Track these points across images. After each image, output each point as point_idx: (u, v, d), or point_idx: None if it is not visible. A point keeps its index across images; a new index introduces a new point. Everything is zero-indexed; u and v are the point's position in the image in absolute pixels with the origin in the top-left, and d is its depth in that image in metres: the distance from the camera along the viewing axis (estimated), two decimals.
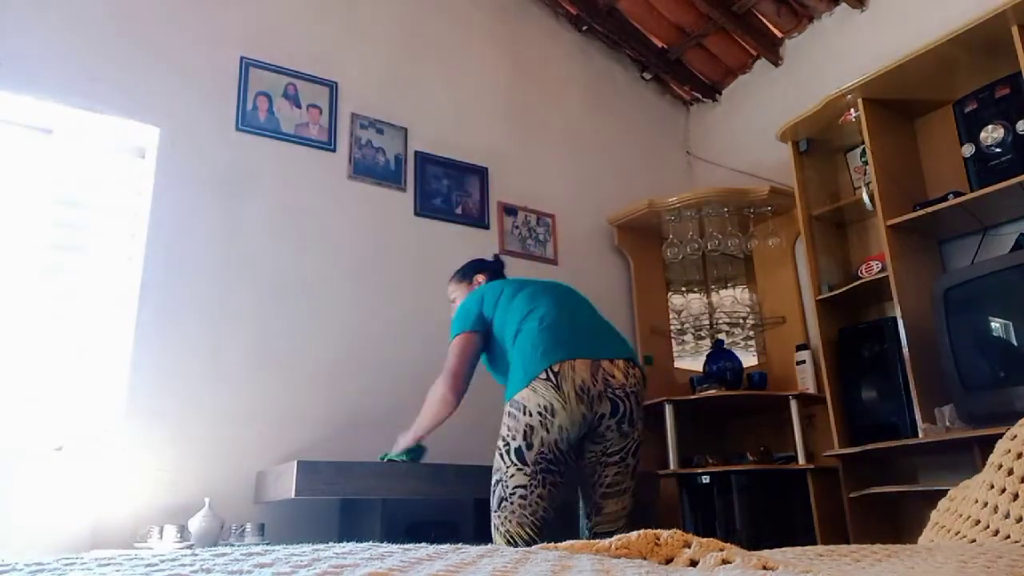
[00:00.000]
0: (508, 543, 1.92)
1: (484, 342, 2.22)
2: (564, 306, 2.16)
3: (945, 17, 2.79)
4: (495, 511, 1.99)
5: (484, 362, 2.30)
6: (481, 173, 3.32)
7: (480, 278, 2.46)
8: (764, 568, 0.76)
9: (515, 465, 1.96)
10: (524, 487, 1.94)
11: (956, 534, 1.50)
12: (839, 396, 2.86)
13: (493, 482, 2.02)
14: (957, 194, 2.58)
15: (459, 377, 2.19)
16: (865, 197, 2.87)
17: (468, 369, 2.21)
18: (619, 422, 2.01)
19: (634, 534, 0.90)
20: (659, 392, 3.25)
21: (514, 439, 1.97)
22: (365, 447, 2.55)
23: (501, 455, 2.01)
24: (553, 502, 1.97)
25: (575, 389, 1.95)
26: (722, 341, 3.41)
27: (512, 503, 1.94)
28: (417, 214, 3.09)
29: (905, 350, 2.60)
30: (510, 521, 1.94)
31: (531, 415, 1.96)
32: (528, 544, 1.90)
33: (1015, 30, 2.41)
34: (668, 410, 3.10)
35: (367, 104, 3.10)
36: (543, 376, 1.96)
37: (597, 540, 0.93)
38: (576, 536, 2.06)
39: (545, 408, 1.95)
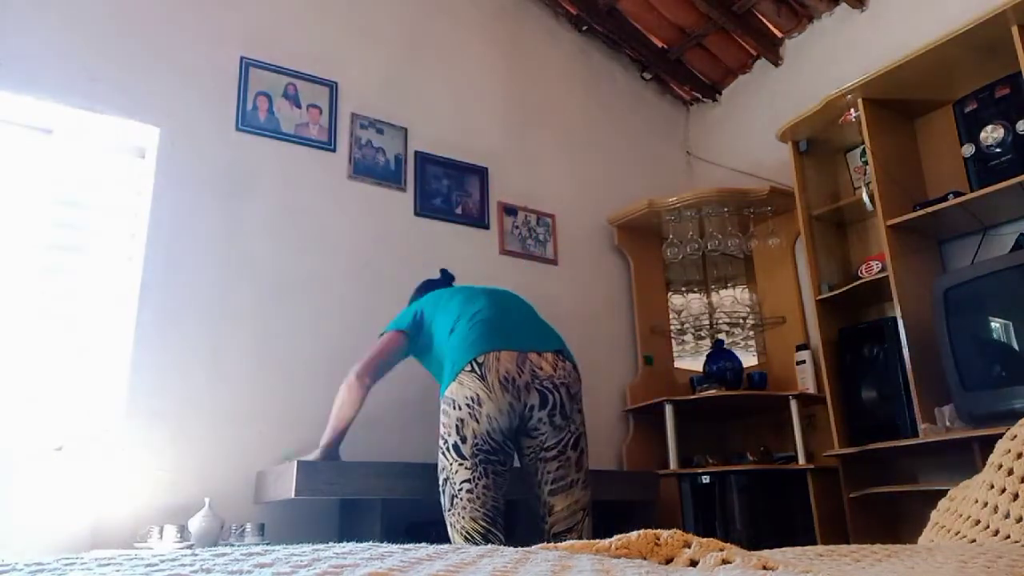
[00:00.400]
0: (466, 539, 1.96)
1: (416, 344, 2.29)
2: (497, 305, 2.20)
3: (945, 17, 2.79)
4: (448, 511, 2.01)
5: (425, 366, 2.36)
6: (481, 173, 3.32)
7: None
8: (764, 568, 0.76)
9: (456, 461, 1.99)
10: (469, 481, 1.97)
11: (956, 534, 1.50)
12: (839, 396, 2.86)
13: (440, 481, 2.05)
14: (957, 194, 2.58)
15: (371, 367, 2.26)
16: (865, 197, 2.87)
17: (382, 361, 2.28)
18: (550, 414, 2.03)
19: (634, 534, 0.90)
20: (659, 392, 3.25)
21: (450, 435, 2.00)
22: (365, 447, 2.55)
23: (443, 453, 2.04)
24: (500, 489, 2.00)
25: (499, 379, 1.98)
26: (722, 341, 3.41)
27: (462, 499, 1.97)
28: (417, 214, 3.09)
29: (905, 350, 2.60)
30: (464, 517, 1.97)
31: (460, 408, 1.99)
32: (484, 536, 1.95)
33: (1015, 30, 2.41)
34: (668, 410, 3.10)
35: (367, 104, 3.10)
36: (468, 368, 2.00)
37: (597, 540, 0.93)
38: (538, 534, 2.05)
39: (472, 399, 1.98)
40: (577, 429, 2.09)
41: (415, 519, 2.59)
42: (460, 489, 1.98)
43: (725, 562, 0.80)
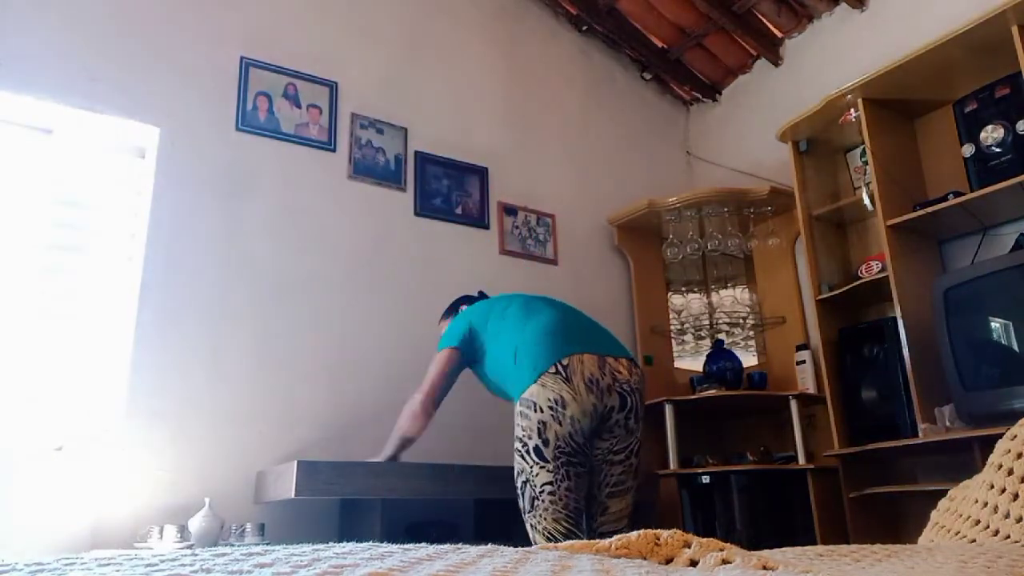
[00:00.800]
0: (548, 539, 1.98)
1: (471, 358, 2.32)
2: (564, 310, 2.26)
3: (945, 17, 2.79)
4: (528, 512, 2.03)
5: (478, 376, 2.39)
6: (481, 173, 3.32)
7: (464, 307, 2.52)
8: (764, 568, 0.76)
9: (538, 464, 2.01)
10: (551, 483, 1.99)
11: (956, 534, 1.50)
12: (839, 396, 2.86)
13: (519, 484, 2.06)
14: (957, 194, 2.58)
15: (433, 394, 2.29)
16: (865, 197, 2.87)
17: (446, 382, 2.31)
18: (626, 417, 2.08)
19: (634, 534, 0.90)
20: (659, 392, 3.25)
21: (530, 438, 2.02)
22: (365, 447, 2.55)
23: (521, 455, 2.06)
24: (580, 491, 2.03)
25: (584, 380, 2.02)
26: (722, 341, 3.41)
27: (544, 501, 1.99)
28: (417, 214, 3.09)
29: (905, 350, 2.60)
30: (545, 518, 1.99)
31: (542, 411, 2.01)
32: (567, 536, 1.98)
33: (1015, 30, 2.41)
34: (668, 410, 3.10)
35: (367, 104, 3.10)
36: (552, 370, 2.02)
37: (597, 540, 0.93)
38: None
39: (556, 401, 2.00)
40: (639, 437, 2.15)
41: (415, 519, 2.60)
42: (542, 491, 2.00)
43: (725, 562, 0.80)
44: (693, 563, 0.83)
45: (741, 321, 3.52)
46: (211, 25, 2.81)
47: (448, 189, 3.21)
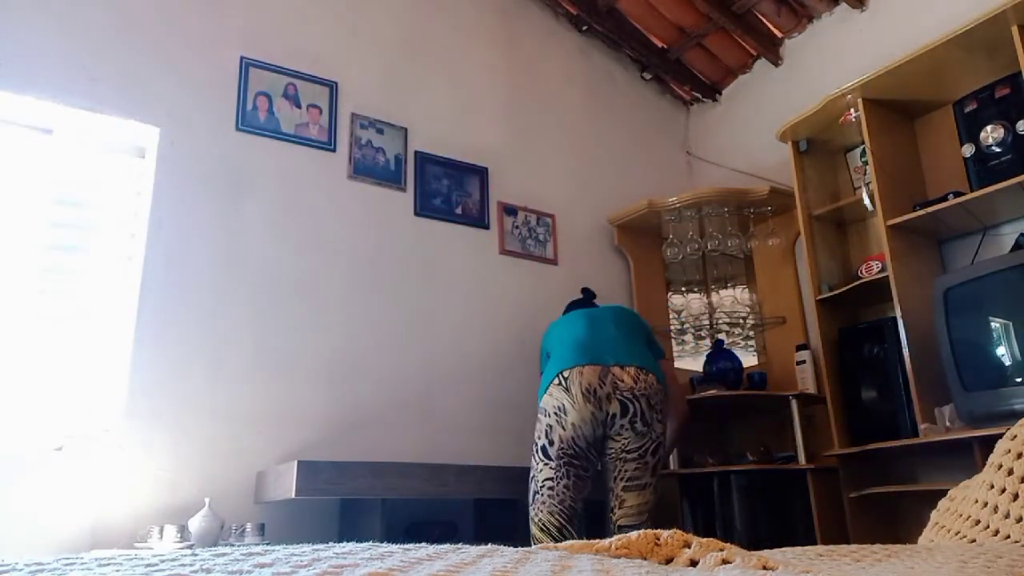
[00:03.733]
0: (541, 531, 2.21)
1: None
2: (592, 326, 2.43)
3: (945, 17, 2.79)
4: (530, 505, 2.26)
5: None
6: (481, 173, 3.32)
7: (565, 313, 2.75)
8: (764, 568, 0.77)
9: (542, 461, 2.25)
10: (551, 479, 2.22)
11: (956, 534, 1.50)
12: (839, 396, 2.86)
13: (529, 480, 2.30)
14: (957, 194, 2.58)
15: None
16: (865, 197, 2.86)
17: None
18: (631, 421, 2.24)
19: (634, 534, 0.91)
20: None
21: (539, 439, 2.28)
22: (365, 447, 2.55)
23: (533, 456, 2.30)
24: (579, 492, 2.25)
25: (581, 390, 2.23)
26: (722, 341, 3.41)
27: (542, 494, 2.22)
28: (417, 214, 3.09)
29: (905, 350, 2.60)
30: (541, 511, 2.21)
31: (549, 416, 2.26)
32: (559, 529, 2.18)
33: (1015, 30, 2.41)
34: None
35: (367, 104, 3.10)
36: (556, 382, 2.28)
37: (597, 540, 0.93)
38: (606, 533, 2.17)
39: (559, 408, 2.25)
40: (658, 437, 2.29)
41: (415, 519, 2.60)
42: (542, 486, 2.23)
43: (725, 562, 0.80)
44: (693, 563, 0.83)
45: (741, 321, 3.52)
46: (211, 25, 2.81)
47: (448, 189, 3.21)
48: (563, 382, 2.26)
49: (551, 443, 2.24)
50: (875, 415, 2.75)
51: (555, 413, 2.25)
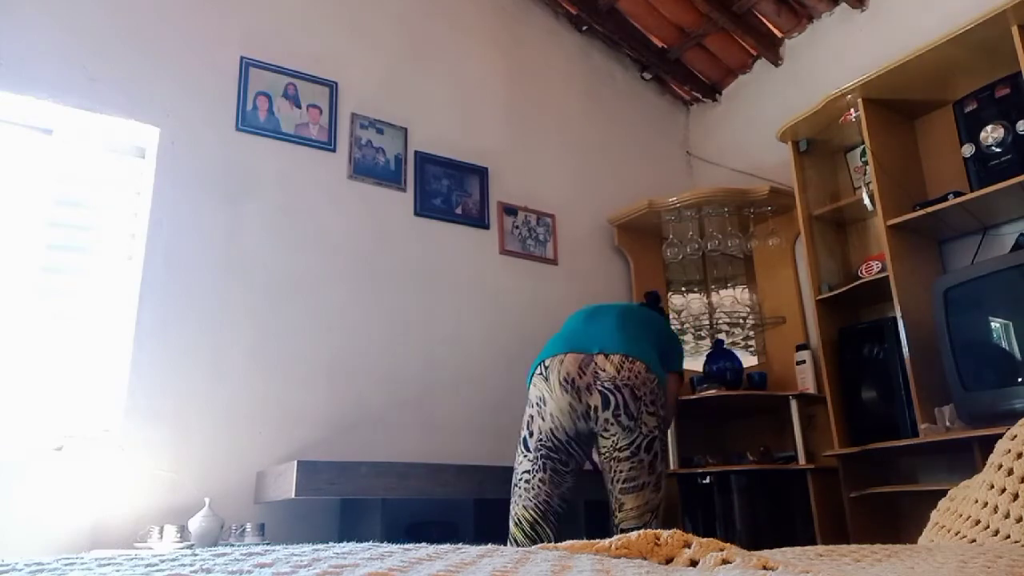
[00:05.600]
0: (514, 524, 2.12)
1: None
2: (591, 317, 2.31)
3: (945, 17, 2.79)
4: (511, 499, 2.18)
5: None
6: (481, 173, 3.32)
7: None
8: (764, 568, 0.77)
9: (523, 452, 2.17)
10: (528, 472, 2.13)
11: (956, 534, 1.50)
12: (839, 396, 2.86)
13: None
14: (957, 194, 2.58)
15: None
16: (865, 197, 2.86)
17: None
18: (615, 414, 2.06)
19: (634, 534, 0.91)
20: None
21: (522, 430, 2.20)
22: (365, 447, 2.55)
23: (517, 446, 2.22)
24: (556, 488, 2.12)
25: (559, 380, 2.11)
26: (722, 341, 3.41)
27: (519, 487, 2.14)
28: (417, 214, 3.09)
29: (905, 350, 2.60)
30: (517, 504, 2.13)
31: (532, 406, 2.18)
32: (532, 525, 2.08)
33: (1015, 30, 2.41)
34: None
35: (367, 104, 3.10)
36: (538, 372, 2.18)
37: (597, 540, 0.93)
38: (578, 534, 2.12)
39: (539, 399, 2.15)
40: (650, 432, 2.09)
41: (415, 519, 2.60)
42: (520, 479, 2.14)
43: (725, 562, 0.80)
44: (693, 563, 0.83)
45: (741, 321, 3.52)
46: (211, 25, 2.81)
47: (448, 189, 3.21)
48: (543, 371, 2.14)
49: (531, 434, 2.14)
50: (875, 415, 2.75)
51: (536, 403, 2.14)
